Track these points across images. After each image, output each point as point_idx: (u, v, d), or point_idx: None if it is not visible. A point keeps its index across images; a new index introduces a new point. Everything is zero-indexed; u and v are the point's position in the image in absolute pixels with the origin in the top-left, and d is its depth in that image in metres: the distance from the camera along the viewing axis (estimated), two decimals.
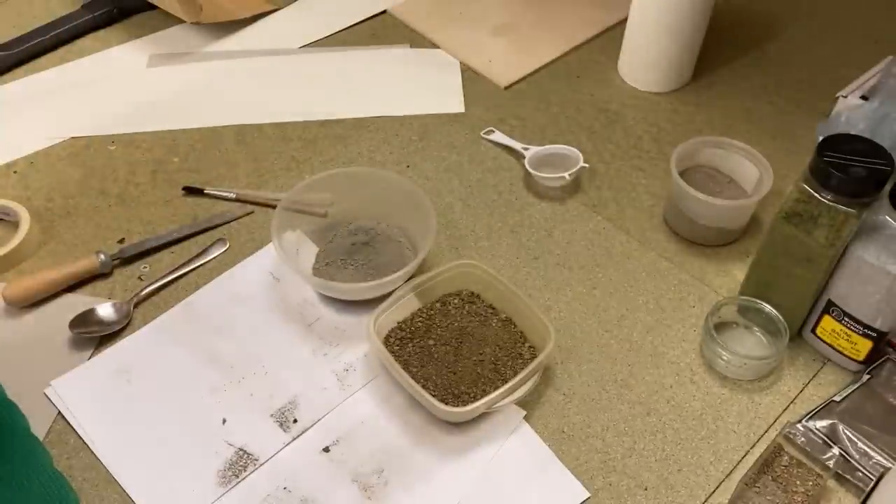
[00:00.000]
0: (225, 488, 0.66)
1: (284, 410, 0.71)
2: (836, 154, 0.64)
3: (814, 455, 0.67)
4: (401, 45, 1.11)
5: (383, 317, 0.73)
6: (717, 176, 0.89)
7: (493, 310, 0.76)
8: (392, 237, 0.82)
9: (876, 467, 0.66)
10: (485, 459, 0.68)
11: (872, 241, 0.66)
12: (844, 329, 0.71)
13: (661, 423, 0.71)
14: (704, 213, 0.82)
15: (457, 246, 0.85)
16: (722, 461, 0.68)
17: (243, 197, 0.89)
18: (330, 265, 0.80)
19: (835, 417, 0.69)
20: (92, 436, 0.69)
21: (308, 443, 0.69)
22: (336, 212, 0.84)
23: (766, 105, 1.03)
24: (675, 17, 0.96)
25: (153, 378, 0.73)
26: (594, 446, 0.69)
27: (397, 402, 0.71)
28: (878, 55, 1.00)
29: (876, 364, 0.72)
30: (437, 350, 0.73)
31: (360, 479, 0.66)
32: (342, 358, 0.74)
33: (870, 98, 0.88)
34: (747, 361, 0.72)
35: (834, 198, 0.65)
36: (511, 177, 0.93)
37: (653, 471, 0.68)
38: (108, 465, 0.67)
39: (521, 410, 0.70)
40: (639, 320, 0.78)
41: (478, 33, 1.13)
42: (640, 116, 1.01)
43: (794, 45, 1.13)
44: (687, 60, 1.02)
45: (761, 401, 0.72)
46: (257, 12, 1.14)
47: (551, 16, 1.16)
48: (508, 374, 0.71)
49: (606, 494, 0.66)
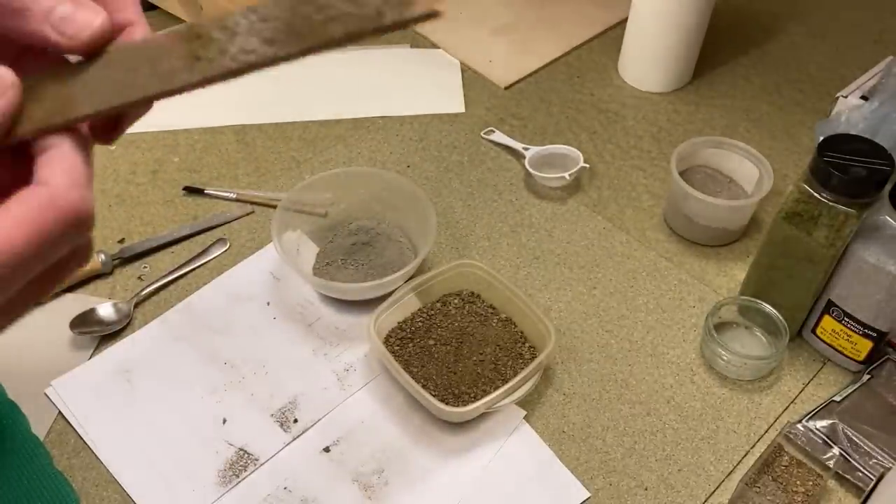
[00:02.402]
0: (225, 488, 0.66)
1: (285, 410, 0.71)
2: (837, 154, 0.64)
3: (814, 455, 0.67)
4: (401, 45, 1.11)
5: (383, 317, 0.73)
6: (717, 176, 0.89)
7: (493, 310, 0.76)
8: (392, 237, 0.82)
9: (876, 467, 0.66)
10: (485, 459, 0.68)
11: (873, 241, 0.66)
12: (845, 329, 0.71)
13: (661, 422, 0.71)
14: (704, 213, 0.82)
15: (457, 246, 0.85)
16: (722, 461, 0.68)
17: (243, 197, 0.89)
18: (330, 265, 0.80)
19: (835, 417, 0.69)
20: (92, 436, 0.68)
21: (308, 443, 0.69)
22: (336, 212, 0.84)
23: (766, 105, 1.03)
24: (675, 17, 0.96)
25: (153, 378, 0.73)
26: (594, 446, 0.69)
27: (397, 402, 0.71)
28: (878, 55, 1.00)
29: (876, 364, 0.72)
30: (438, 350, 0.73)
31: (361, 479, 0.66)
32: (342, 358, 0.74)
33: (870, 98, 0.88)
34: (747, 361, 0.72)
35: (834, 198, 0.65)
36: (511, 177, 0.93)
37: (653, 471, 0.68)
38: (108, 464, 0.67)
39: (522, 410, 0.71)
40: (639, 320, 0.78)
41: (478, 33, 1.13)
42: (640, 116, 1.01)
43: (794, 45, 1.13)
44: (687, 60, 1.02)
45: (761, 401, 0.72)
46: None
47: (551, 16, 1.16)
48: (509, 374, 0.71)
49: (606, 494, 0.66)
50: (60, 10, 0.28)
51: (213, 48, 0.28)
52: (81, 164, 0.27)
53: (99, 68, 0.29)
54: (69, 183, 0.26)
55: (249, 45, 0.28)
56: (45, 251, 0.25)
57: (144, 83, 0.29)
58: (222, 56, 0.28)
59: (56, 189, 0.26)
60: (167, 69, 0.29)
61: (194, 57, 0.29)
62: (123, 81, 0.29)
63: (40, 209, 0.25)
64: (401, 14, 0.27)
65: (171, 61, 0.29)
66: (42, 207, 0.25)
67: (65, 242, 0.26)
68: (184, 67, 0.29)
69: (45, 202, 0.25)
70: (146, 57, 0.29)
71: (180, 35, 0.29)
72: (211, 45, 0.28)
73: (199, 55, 0.28)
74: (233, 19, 0.28)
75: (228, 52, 0.28)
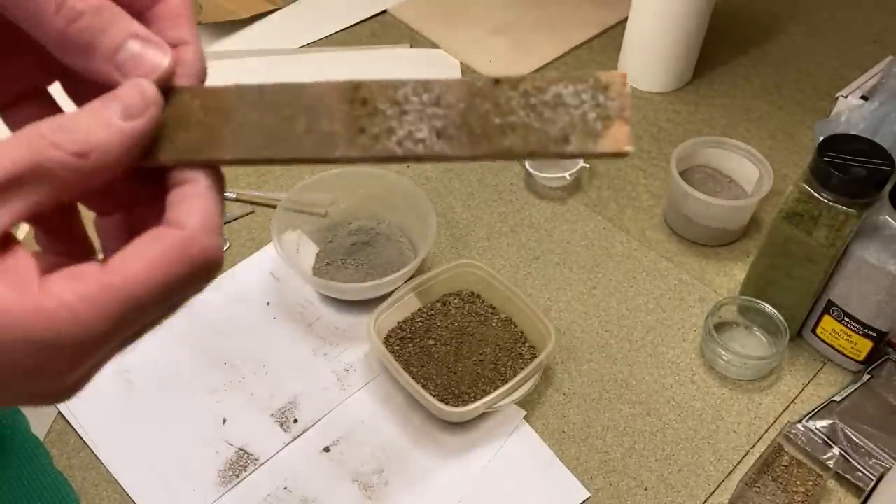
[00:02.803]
0: (225, 488, 0.66)
1: (285, 410, 0.71)
2: (837, 154, 0.64)
3: (814, 455, 0.67)
4: (401, 45, 1.11)
5: (383, 317, 0.73)
6: (717, 176, 0.89)
7: (493, 310, 0.76)
8: (392, 237, 0.82)
9: (876, 467, 0.66)
10: (485, 459, 0.68)
11: (873, 241, 0.66)
12: (845, 329, 0.71)
13: (661, 423, 0.71)
14: (704, 213, 0.82)
15: (457, 246, 0.85)
16: (722, 461, 0.68)
17: (243, 196, 0.89)
18: (330, 265, 0.80)
19: (835, 417, 0.69)
20: (92, 436, 0.68)
21: (308, 443, 0.69)
22: (336, 212, 0.84)
23: (766, 105, 1.03)
24: (675, 17, 0.96)
25: (153, 378, 0.73)
26: (594, 446, 0.69)
27: (397, 402, 0.71)
28: (878, 55, 1.00)
29: (876, 364, 0.72)
30: (438, 350, 0.72)
31: (361, 479, 0.66)
32: (342, 358, 0.74)
33: (870, 98, 0.88)
34: (747, 361, 0.72)
35: (834, 198, 0.65)
36: (511, 177, 0.93)
37: (653, 471, 0.68)
38: (108, 464, 0.67)
39: (522, 410, 0.70)
40: (639, 320, 0.78)
41: (478, 33, 1.13)
42: (640, 116, 1.01)
43: (794, 45, 1.13)
44: (687, 60, 1.02)
45: (761, 401, 0.72)
46: (257, 12, 1.14)
47: (551, 16, 1.16)
48: (509, 374, 0.71)
49: (606, 494, 0.66)
50: (130, 49, 0.25)
51: (379, 122, 0.26)
52: (216, 207, 0.26)
53: (252, 105, 0.27)
54: (203, 227, 0.25)
55: (419, 134, 0.26)
56: (172, 296, 0.25)
57: (300, 142, 0.26)
58: (388, 137, 0.26)
59: (191, 234, 0.24)
60: (327, 132, 0.26)
61: (358, 128, 0.26)
62: (277, 131, 0.26)
63: (173, 254, 0.24)
64: (587, 146, 0.25)
65: (332, 123, 0.26)
66: (175, 252, 0.24)
67: (192, 289, 0.25)
68: (345, 136, 0.26)
69: (179, 247, 0.24)
70: (305, 107, 0.26)
71: (343, 91, 0.26)
72: (377, 117, 0.26)
73: (363, 127, 0.26)
74: (402, 92, 0.26)
75: (395, 134, 0.26)
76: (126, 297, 0.23)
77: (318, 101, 0.26)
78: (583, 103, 0.25)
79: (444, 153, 0.26)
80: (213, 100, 0.27)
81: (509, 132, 0.26)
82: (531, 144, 0.25)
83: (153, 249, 0.24)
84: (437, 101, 0.26)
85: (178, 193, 0.25)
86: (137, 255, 0.24)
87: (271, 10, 1.16)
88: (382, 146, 0.26)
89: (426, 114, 0.26)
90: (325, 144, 0.26)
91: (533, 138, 0.25)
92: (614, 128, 0.25)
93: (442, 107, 0.26)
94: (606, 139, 0.25)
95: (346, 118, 0.26)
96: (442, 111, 0.26)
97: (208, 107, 0.27)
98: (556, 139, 0.25)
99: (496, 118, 0.26)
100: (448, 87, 0.26)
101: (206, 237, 0.25)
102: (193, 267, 0.24)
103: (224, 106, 0.27)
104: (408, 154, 0.26)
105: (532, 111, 0.26)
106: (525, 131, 0.25)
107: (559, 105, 0.26)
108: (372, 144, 0.26)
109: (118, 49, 0.25)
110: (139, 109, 0.25)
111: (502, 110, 0.26)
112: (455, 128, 0.26)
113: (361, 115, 0.26)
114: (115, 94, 0.25)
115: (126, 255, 0.24)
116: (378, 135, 0.26)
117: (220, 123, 0.27)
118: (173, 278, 0.24)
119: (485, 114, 0.26)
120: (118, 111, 0.24)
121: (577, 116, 0.25)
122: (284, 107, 0.27)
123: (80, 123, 0.24)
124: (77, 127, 0.23)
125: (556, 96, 0.26)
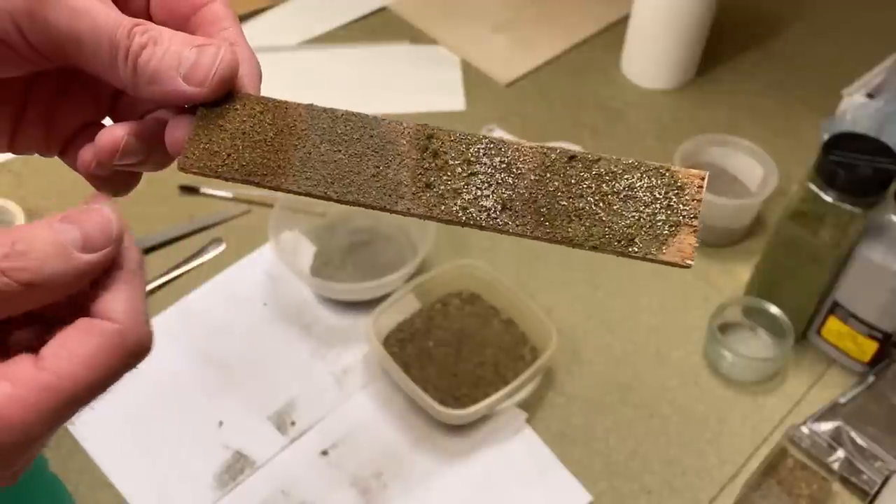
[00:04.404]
0: (222, 491, 0.65)
1: (282, 412, 0.70)
2: (842, 153, 0.64)
3: (819, 458, 0.67)
4: (400, 42, 1.10)
5: (383, 318, 0.72)
6: (721, 175, 0.88)
7: (493, 310, 0.75)
8: (391, 237, 0.81)
9: (882, 470, 0.65)
10: (486, 462, 0.67)
11: (878, 241, 0.65)
12: (850, 330, 0.71)
13: (664, 425, 0.70)
14: (708, 212, 0.81)
15: (457, 246, 0.84)
16: (726, 464, 0.67)
17: (240, 196, 0.88)
18: (328, 265, 0.79)
19: (840, 420, 0.68)
20: (87, 438, 0.68)
21: (306, 445, 0.68)
22: (335, 211, 0.83)
23: (770, 103, 1.02)
24: (678, 13, 0.95)
25: (149, 380, 0.72)
26: (597, 449, 0.68)
27: (397, 404, 0.70)
28: (883, 53, 0.99)
29: (881, 365, 0.72)
30: (438, 351, 0.72)
31: (359, 482, 0.66)
32: (341, 359, 0.74)
33: (875, 96, 0.87)
34: (752, 363, 0.71)
35: (840, 197, 0.64)
36: None
37: (656, 474, 0.67)
38: (103, 467, 0.66)
39: (523, 413, 0.70)
40: (642, 321, 0.78)
41: (479, 29, 1.12)
42: (643, 114, 1.00)
43: (798, 42, 1.12)
44: (691, 57, 1.01)
45: (766, 403, 0.71)
46: (254, 8, 1.13)
47: (553, 11, 1.15)
48: (510, 376, 0.70)
49: (609, 498, 0.65)
50: (186, 57, 0.26)
51: (446, 180, 0.25)
52: (142, 293, 0.26)
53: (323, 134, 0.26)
54: (135, 318, 0.25)
55: (485, 202, 0.25)
56: (108, 386, 0.25)
57: (366, 186, 0.26)
58: (454, 199, 0.25)
59: (124, 327, 0.25)
60: (393, 180, 0.26)
61: (425, 182, 0.25)
62: (345, 170, 0.26)
63: (110, 349, 0.24)
64: (650, 251, 0.25)
65: (400, 172, 0.26)
66: (111, 347, 0.24)
67: (124, 373, 0.26)
68: (411, 188, 0.25)
69: (114, 342, 0.24)
70: (376, 147, 0.26)
71: (416, 137, 0.26)
72: (445, 172, 0.26)
73: (430, 182, 0.25)
74: (475, 150, 0.25)
75: (461, 196, 0.25)
76: (64, 397, 0.23)
77: (390, 143, 0.26)
78: (655, 201, 0.25)
79: (506, 227, 0.25)
80: (284, 119, 0.27)
81: (575, 219, 0.25)
82: (593, 238, 0.25)
83: (88, 345, 0.24)
84: (508, 167, 0.25)
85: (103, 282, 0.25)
86: (73, 353, 0.23)
87: (268, 6, 1.15)
88: (447, 208, 0.25)
89: (495, 179, 0.25)
90: (390, 194, 0.26)
91: (597, 231, 0.25)
92: (681, 236, 0.24)
93: (512, 174, 0.25)
94: (671, 248, 0.24)
95: (414, 168, 0.26)
96: (511, 180, 0.25)
97: (279, 126, 0.27)
98: (621, 238, 0.25)
99: (564, 200, 0.25)
100: (520, 153, 0.25)
101: (138, 327, 0.25)
102: (130, 357, 0.25)
103: (295, 128, 0.27)
104: (469, 221, 0.25)
105: (602, 200, 0.25)
106: (591, 221, 0.25)
107: (630, 198, 0.25)
108: (437, 203, 0.25)
109: (180, 60, 0.26)
110: (100, 243, 0.24)
111: (572, 192, 0.25)
112: (521, 202, 0.25)
113: (430, 169, 0.26)
114: (77, 218, 0.24)
115: (60, 352, 0.23)
116: (443, 193, 0.25)
117: (289, 148, 0.26)
118: (112, 372, 0.24)
119: (553, 192, 0.25)
120: (77, 240, 0.24)
121: (646, 216, 0.25)
122: (355, 142, 0.26)
123: (36, 248, 0.23)
124: (31, 251, 0.23)
125: (629, 187, 0.25)
